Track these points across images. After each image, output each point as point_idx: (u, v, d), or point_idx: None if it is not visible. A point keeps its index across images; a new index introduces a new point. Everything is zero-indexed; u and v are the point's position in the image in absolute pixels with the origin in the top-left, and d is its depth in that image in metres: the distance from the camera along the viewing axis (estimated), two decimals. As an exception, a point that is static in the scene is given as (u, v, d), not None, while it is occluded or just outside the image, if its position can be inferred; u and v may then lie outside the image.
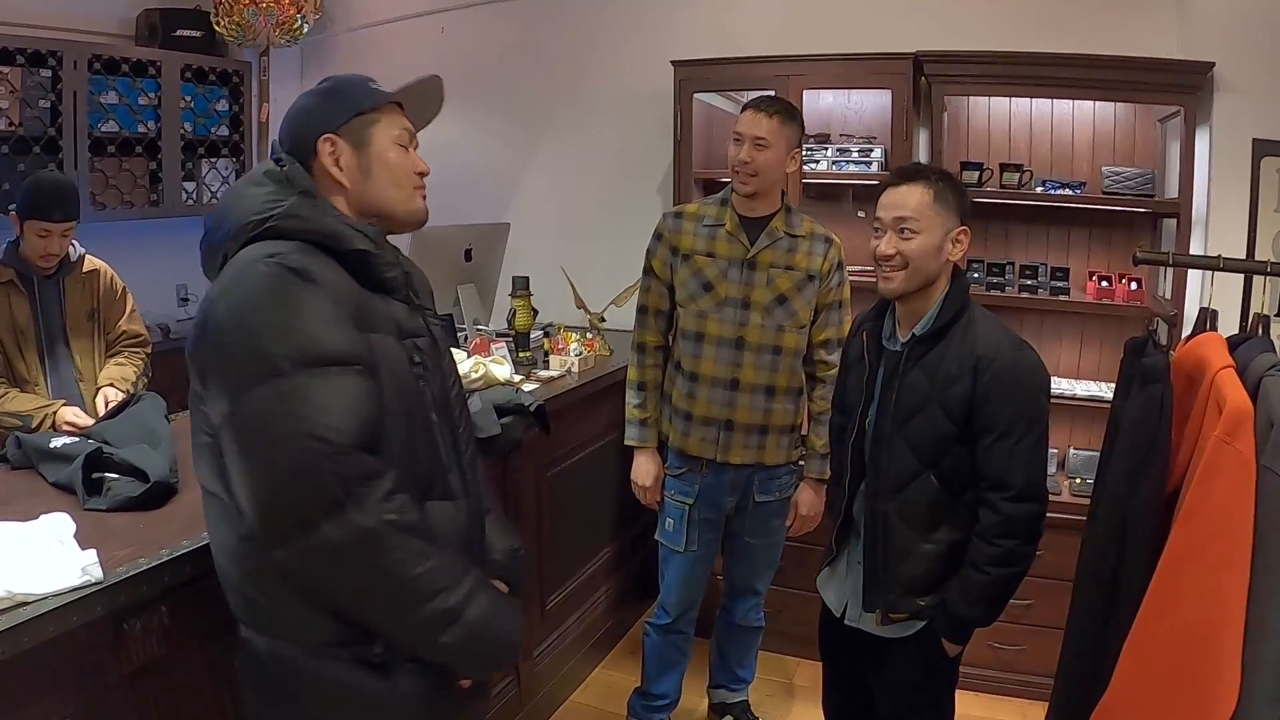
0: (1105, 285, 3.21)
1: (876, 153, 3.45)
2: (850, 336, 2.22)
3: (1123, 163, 3.26)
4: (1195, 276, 3.03)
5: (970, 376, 1.86)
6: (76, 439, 2.11)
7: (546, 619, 3.04)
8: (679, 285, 2.61)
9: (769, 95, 2.69)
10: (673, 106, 3.59)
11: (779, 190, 2.57)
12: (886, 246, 1.91)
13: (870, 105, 3.63)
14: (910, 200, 1.90)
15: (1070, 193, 3.22)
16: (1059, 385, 3.16)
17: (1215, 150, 3.06)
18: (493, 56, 4.31)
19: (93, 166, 3.90)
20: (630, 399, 2.73)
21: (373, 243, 1.38)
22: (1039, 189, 3.25)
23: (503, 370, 2.81)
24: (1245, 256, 2.94)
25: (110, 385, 2.73)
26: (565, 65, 4.21)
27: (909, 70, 3.23)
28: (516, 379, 2.85)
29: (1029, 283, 3.28)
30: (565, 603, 3.16)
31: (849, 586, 2.11)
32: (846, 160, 3.48)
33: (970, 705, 3.02)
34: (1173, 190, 3.06)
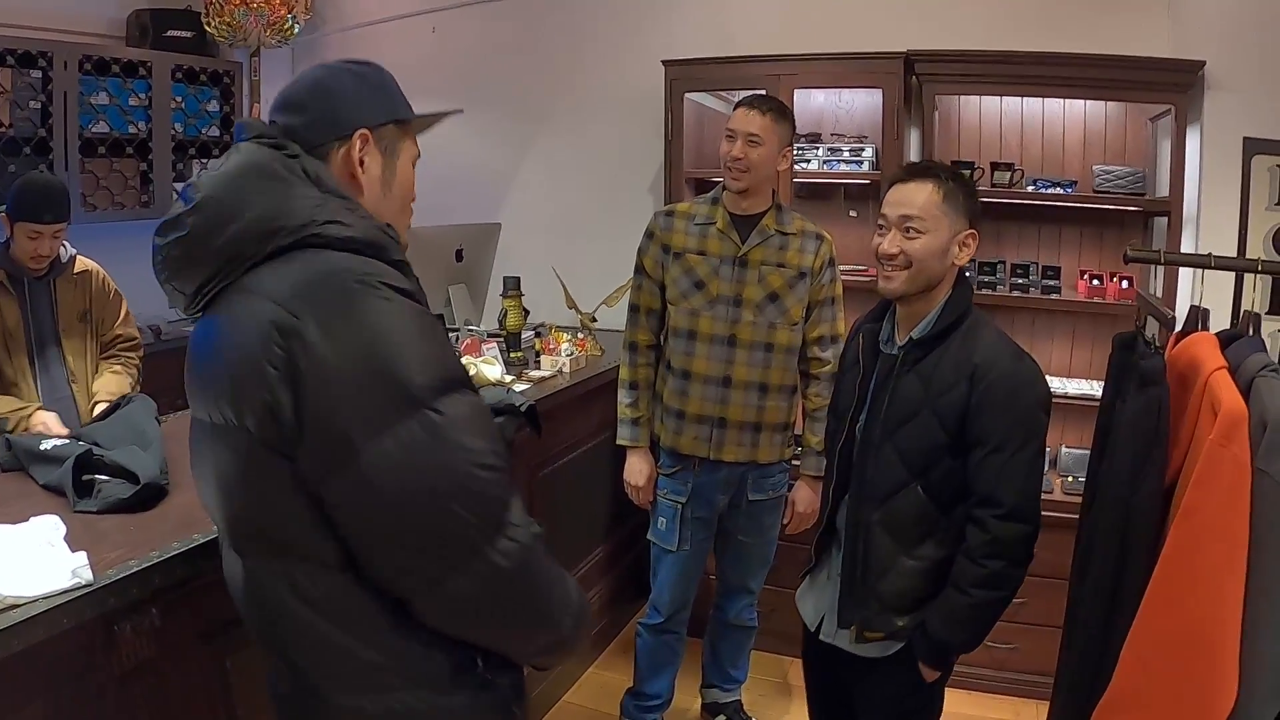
0: (1096, 284, 3.22)
1: (867, 152, 3.46)
2: (849, 339, 2.16)
3: (1114, 161, 3.27)
4: (1186, 275, 3.04)
5: (966, 384, 1.78)
6: (67, 441, 2.10)
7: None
8: (670, 283, 2.61)
9: (761, 94, 2.69)
10: (664, 106, 3.58)
11: (770, 188, 2.58)
12: (890, 245, 1.84)
13: (861, 104, 3.64)
14: (918, 198, 1.83)
15: (1061, 191, 3.22)
16: (1050, 383, 3.16)
17: (1206, 148, 3.06)
18: (483, 56, 4.31)
19: (83, 167, 3.88)
20: (622, 398, 2.73)
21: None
22: (1030, 188, 3.25)
23: (494, 371, 2.80)
24: (1236, 254, 2.95)
25: (107, 401, 2.67)
26: (556, 65, 4.21)
27: (900, 69, 3.24)
28: (508, 379, 2.85)
29: (1020, 281, 3.29)
30: (558, 603, 3.15)
31: (826, 601, 2.03)
32: (837, 160, 3.49)
33: (962, 703, 3.01)
34: (1164, 189, 3.07)
